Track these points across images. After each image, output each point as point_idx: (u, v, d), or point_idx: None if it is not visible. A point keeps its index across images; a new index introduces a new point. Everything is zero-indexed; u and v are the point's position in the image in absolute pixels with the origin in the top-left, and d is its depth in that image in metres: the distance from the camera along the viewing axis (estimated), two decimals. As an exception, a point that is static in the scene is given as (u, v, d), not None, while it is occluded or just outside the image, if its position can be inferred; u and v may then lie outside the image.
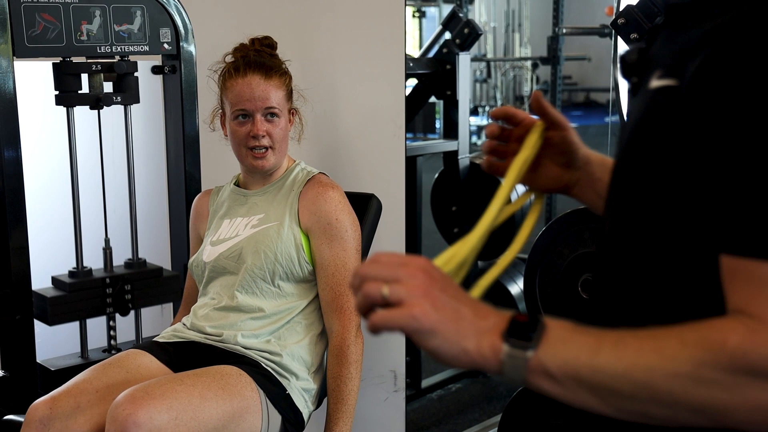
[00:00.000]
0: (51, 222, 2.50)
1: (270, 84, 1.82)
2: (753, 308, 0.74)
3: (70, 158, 2.14)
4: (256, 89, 1.82)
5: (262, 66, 1.82)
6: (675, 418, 0.77)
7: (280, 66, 1.87)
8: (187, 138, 2.27)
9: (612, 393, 0.77)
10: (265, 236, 1.82)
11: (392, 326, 0.78)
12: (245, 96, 1.82)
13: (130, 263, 2.25)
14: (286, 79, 1.86)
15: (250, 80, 1.82)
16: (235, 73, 1.82)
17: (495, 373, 0.79)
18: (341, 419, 1.79)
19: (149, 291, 2.23)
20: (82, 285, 2.13)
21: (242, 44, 1.89)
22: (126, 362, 1.72)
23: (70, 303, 2.11)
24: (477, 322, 0.79)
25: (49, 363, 2.15)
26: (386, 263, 0.79)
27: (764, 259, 0.75)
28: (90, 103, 2.11)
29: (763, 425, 0.74)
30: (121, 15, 2.10)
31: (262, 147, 1.85)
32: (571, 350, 0.78)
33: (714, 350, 0.74)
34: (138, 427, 1.46)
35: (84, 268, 2.17)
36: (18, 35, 1.94)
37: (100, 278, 2.16)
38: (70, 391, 1.61)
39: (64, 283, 2.13)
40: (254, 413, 1.67)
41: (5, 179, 1.97)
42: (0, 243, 2.01)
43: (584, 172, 1.13)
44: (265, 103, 1.82)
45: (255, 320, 1.80)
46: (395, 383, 2.64)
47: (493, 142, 1.13)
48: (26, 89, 2.11)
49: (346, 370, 1.79)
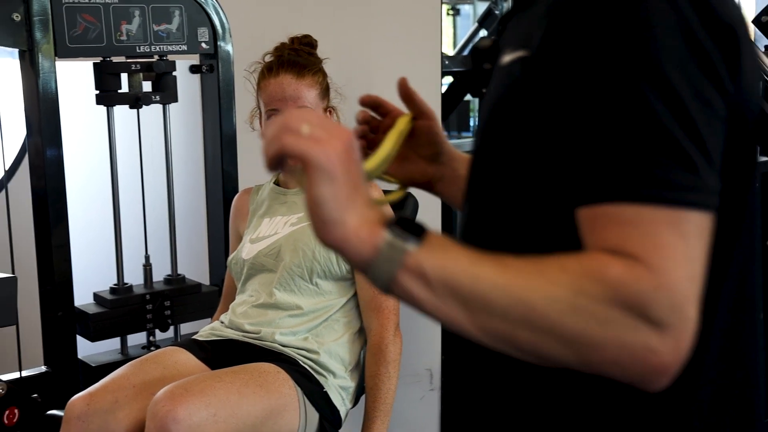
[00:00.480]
0: (91, 230, 2.52)
1: (302, 83, 1.82)
2: (629, 248, 0.70)
3: (110, 159, 2.16)
4: (288, 89, 1.82)
5: (295, 65, 1.82)
6: (539, 348, 0.72)
7: (315, 65, 1.86)
8: (225, 137, 2.28)
9: (484, 308, 0.72)
10: (303, 234, 1.82)
11: (298, 152, 0.71)
12: (277, 95, 1.83)
13: (169, 279, 2.28)
14: (319, 77, 1.85)
15: (282, 80, 1.82)
16: (268, 73, 1.84)
17: (360, 263, 0.73)
18: (378, 418, 1.79)
19: (188, 307, 2.25)
20: (123, 302, 2.17)
21: (282, 43, 1.90)
22: (163, 359, 1.74)
23: (111, 319, 2.14)
24: (365, 208, 0.73)
25: (89, 359, 2.17)
26: (315, 123, 0.73)
27: (626, 201, 0.71)
28: (129, 103, 2.13)
29: (626, 370, 0.71)
30: (159, 15, 2.12)
31: None
32: (451, 256, 0.73)
33: (594, 279, 0.69)
34: (177, 423, 1.47)
35: (125, 285, 2.20)
36: (60, 36, 1.96)
37: (140, 294, 2.19)
38: (108, 386, 1.63)
39: (105, 300, 2.17)
40: (292, 411, 1.67)
41: (47, 178, 2.00)
42: (42, 241, 2.04)
43: (449, 167, 1.11)
44: (296, 102, 1.82)
45: (293, 317, 1.81)
46: (431, 382, 2.63)
47: (363, 127, 1.11)
48: (63, 90, 2.13)
49: (384, 369, 1.79)
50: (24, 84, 2.00)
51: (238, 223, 2.02)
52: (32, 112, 2.00)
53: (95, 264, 2.41)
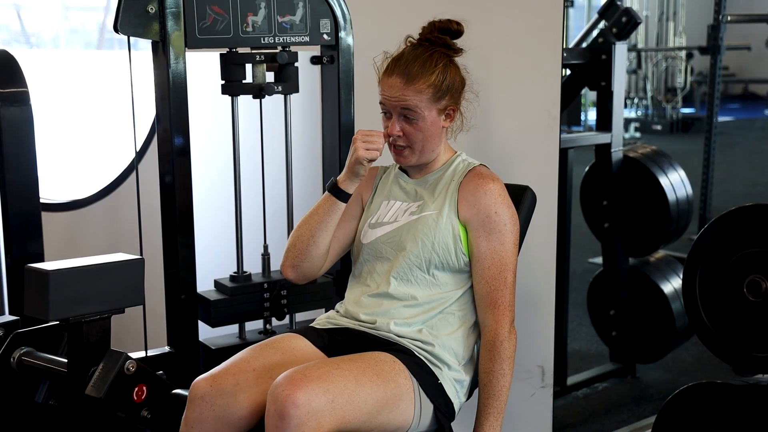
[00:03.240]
0: (212, 217, 2.59)
1: (409, 88, 1.79)
2: None
3: (233, 149, 2.22)
4: (395, 92, 1.81)
5: (409, 68, 1.80)
6: None
7: (433, 66, 1.81)
8: (343, 128, 2.31)
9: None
10: (423, 224, 1.83)
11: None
12: (385, 94, 1.83)
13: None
14: (434, 79, 1.81)
15: (392, 81, 1.81)
16: (385, 71, 1.84)
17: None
18: (492, 414, 1.78)
19: (304, 296, 2.31)
20: (242, 289, 2.23)
21: (423, 28, 1.89)
22: (282, 344, 1.77)
23: (231, 306, 2.21)
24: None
25: (209, 342, 2.24)
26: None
27: None
28: (253, 93, 2.19)
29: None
30: (284, 6, 2.16)
31: (399, 145, 1.85)
32: None
33: None
34: (297, 407, 1.50)
35: (244, 273, 2.26)
36: (190, 27, 2.03)
37: (258, 283, 2.25)
38: (230, 369, 1.68)
39: (226, 287, 2.23)
40: (407, 400, 1.68)
41: (174, 165, 2.07)
42: (168, 225, 2.12)
43: None
44: (400, 104, 1.81)
45: (408, 308, 1.81)
46: (543, 379, 2.60)
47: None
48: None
49: (498, 365, 1.77)
50: (155, 74, 2.08)
51: (362, 189, 1.98)
52: (162, 101, 2.07)
53: (215, 251, 2.48)
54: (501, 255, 1.81)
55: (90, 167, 5.52)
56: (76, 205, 3.38)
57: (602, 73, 3.25)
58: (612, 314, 3.52)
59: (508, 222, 1.82)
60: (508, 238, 1.82)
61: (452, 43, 1.87)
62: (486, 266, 1.81)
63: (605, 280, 3.55)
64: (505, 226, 1.81)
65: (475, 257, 1.82)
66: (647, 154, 3.40)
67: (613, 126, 3.29)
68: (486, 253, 1.81)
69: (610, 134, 3.30)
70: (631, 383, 3.50)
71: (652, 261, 3.55)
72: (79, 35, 10.46)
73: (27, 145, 2.45)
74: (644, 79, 10.85)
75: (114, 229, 3.33)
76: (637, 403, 3.30)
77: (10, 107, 2.39)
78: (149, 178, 2.24)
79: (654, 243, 3.42)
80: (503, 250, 1.81)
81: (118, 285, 1.78)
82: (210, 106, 2.51)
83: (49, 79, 6.84)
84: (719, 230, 2.24)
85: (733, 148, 9.40)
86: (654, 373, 3.59)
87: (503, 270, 1.81)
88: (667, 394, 3.36)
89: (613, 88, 3.24)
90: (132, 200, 3.24)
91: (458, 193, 1.85)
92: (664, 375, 3.58)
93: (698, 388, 2.26)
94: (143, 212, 2.13)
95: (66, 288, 1.67)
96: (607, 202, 3.40)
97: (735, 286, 2.19)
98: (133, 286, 1.80)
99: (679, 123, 10.77)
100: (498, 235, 1.81)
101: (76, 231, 3.42)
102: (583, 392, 3.41)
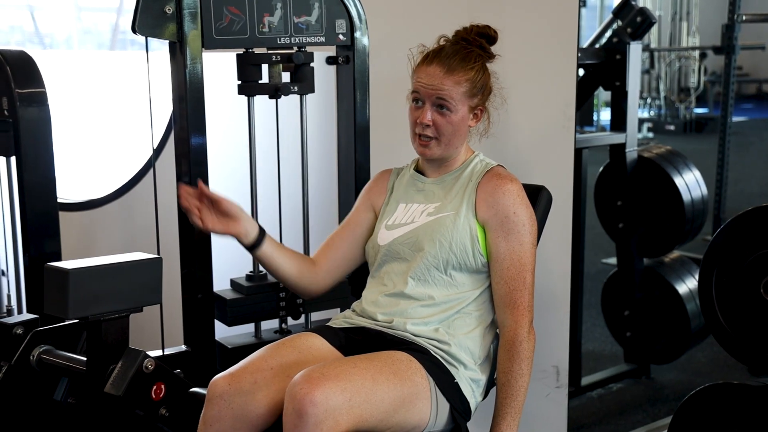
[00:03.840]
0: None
1: (449, 78, 1.81)
2: None
3: (249, 149, 2.23)
4: (434, 79, 1.82)
5: (450, 60, 1.82)
6: None
7: (473, 62, 1.83)
8: (359, 128, 2.31)
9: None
10: (440, 225, 1.83)
11: None
12: (422, 81, 1.84)
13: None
14: (473, 75, 1.83)
15: (432, 70, 1.83)
16: (424, 60, 1.86)
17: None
18: (509, 414, 1.78)
19: (319, 296, 2.30)
20: (258, 289, 2.24)
21: (457, 31, 1.90)
22: (298, 343, 1.78)
23: (247, 306, 2.22)
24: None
25: (226, 341, 2.25)
26: None
27: None
28: (269, 93, 2.19)
29: None
30: (300, 7, 2.16)
31: (426, 136, 1.86)
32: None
33: None
34: (315, 406, 1.51)
35: (260, 272, 2.27)
36: (207, 27, 2.04)
37: (275, 283, 2.25)
38: (248, 368, 1.68)
39: (242, 287, 2.24)
40: (424, 399, 1.68)
41: (192, 165, 2.08)
42: (185, 224, 2.13)
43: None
44: (437, 92, 1.82)
45: (425, 307, 1.81)
46: (557, 379, 2.59)
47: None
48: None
49: (517, 366, 1.77)
50: (172, 74, 2.09)
51: (374, 198, 2.01)
52: (179, 101, 2.08)
53: (230, 249, 2.49)
54: (520, 255, 1.81)
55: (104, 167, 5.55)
56: (91, 205, 3.40)
57: (617, 73, 3.25)
58: (626, 315, 3.51)
59: (527, 222, 1.83)
60: (527, 238, 1.82)
61: (488, 47, 1.89)
62: (505, 267, 1.81)
63: (620, 281, 3.54)
64: (523, 227, 1.82)
65: (494, 258, 1.82)
66: (662, 154, 3.40)
67: (627, 126, 3.28)
68: (505, 253, 1.81)
69: (625, 134, 3.30)
70: (646, 384, 3.50)
71: (666, 261, 3.54)
72: (92, 36, 10.52)
73: (45, 145, 2.47)
74: (657, 79, 10.81)
75: (129, 229, 3.35)
76: (652, 404, 3.30)
77: (28, 107, 2.42)
78: (164, 177, 2.26)
79: (669, 243, 3.41)
80: (522, 251, 1.81)
81: (137, 284, 1.79)
82: (223, 106, 2.53)
83: (63, 79, 6.88)
84: (735, 231, 2.23)
85: (748, 149, 9.36)
86: (668, 373, 3.59)
87: (522, 270, 1.81)
88: (681, 395, 3.35)
89: (628, 88, 3.24)
90: (146, 200, 3.27)
91: (476, 194, 1.85)
92: (678, 376, 3.57)
93: (714, 389, 2.26)
94: (163, 208, 2.14)
95: (85, 287, 1.69)
96: (621, 202, 3.40)
97: (751, 287, 2.18)
98: (152, 285, 1.82)
99: (692, 123, 10.73)
100: (517, 235, 1.81)
101: (91, 231, 3.44)
102: (597, 393, 3.41)
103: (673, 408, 3.24)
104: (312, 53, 2.23)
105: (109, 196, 3.35)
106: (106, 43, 10.36)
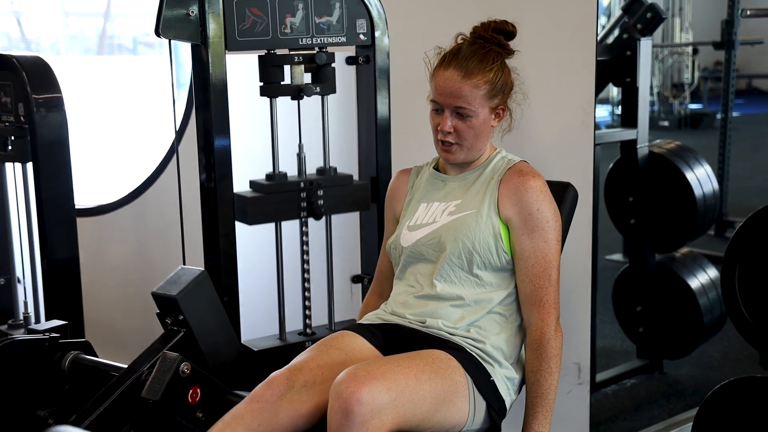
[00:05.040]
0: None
1: (466, 83, 1.78)
2: None
3: (272, 151, 2.22)
4: (451, 86, 1.79)
5: (467, 63, 1.79)
6: None
7: (491, 63, 1.80)
8: (380, 128, 2.31)
9: None
10: (462, 224, 1.81)
11: None
12: (440, 89, 1.81)
13: (321, 170, 2.31)
14: (491, 76, 1.80)
15: (448, 75, 1.80)
16: (440, 64, 1.82)
17: None
18: (540, 413, 1.77)
19: (340, 198, 2.29)
20: (278, 187, 2.21)
21: (474, 27, 1.87)
22: (343, 343, 1.76)
23: (267, 204, 2.19)
24: None
25: (251, 343, 2.24)
26: None
27: None
28: (291, 94, 2.19)
29: None
30: (321, 7, 2.16)
31: (448, 142, 1.84)
32: None
33: None
34: (361, 405, 1.50)
35: (279, 173, 2.24)
36: (230, 29, 2.03)
37: (294, 182, 2.23)
38: (301, 367, 1.67)
39: (262, 186, 2.21)
40: (462, 397, 1.67)
41: (216, 167, 2.07)
42: (211, 228, 2.12)
43: None
44: (455, 102, 1.79)
45: (455, 308, 1.80)
46: (579, 376, 2.60)
47: None
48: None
49: (546, 364, 1.77)
50: (195, 76, 2.08)
51: (395, 204, 2.01)
52: (203, 103, 2.07)
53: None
54: (545, 253, 1.80)
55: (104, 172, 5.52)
56: (101, 211, 3.38)
57: (627, 69, 3.25)
58: (639, 310, 3.52)
59: (551, 219, 1.81)
60: (551, 235, 1.81)
61: (506, 44, 1.85)
62: (530, 264, 1.80)
63: (631, 277, 3.55)
64: (547, 223, 1.80)
65: (519, 255, 1.81)
66: (673, 150, 3.40)
67: (639, 122, 3.29)
68: (529, 251, 1.80)
69: (636, 130, 3.30)
70: (659, 379, 3.50)
71: (677, 257, 3.54)
72: (79, 41, 10.48)
73: (62, 150, 2.46)
74: (651, 75, 10.85)
75: (140, 234, 3.33)
76: (667, 399, 3.30)
77: (45, 113, 2.40)
78: (172, 181, 2.23)
79: (680, 239, 3.42)
80: (546, 248, 1.80)
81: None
82: (242, 107, 2.51)
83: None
84: (758, 224, 2.23)
85: (744, 144, 9.40)
86: (681, 369, 3.59)
87: (547, 268, 1.80)
88: (696, 390, 3.37)
89: (639, 84, 3.25)
90: (156, 206, 3.25)
91: (498, 191, 1.83)
92: (691, 371, 3.58)
93: (739, 383, 2.26)
94: (167, 216, 2.13)
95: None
96: (633, 198, 3.40)
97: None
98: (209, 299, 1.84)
99: (687, 119, 10.77)
100: (541, 232, 1.80)
101: (102, 236, 3.42)
102: (611, 389, 3.41)
103: (690, 403, 3.26)
104: (333, 53, 2.23)
105: (118, 202, 3.33)
106: (92, 48, 10.32)
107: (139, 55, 11.02)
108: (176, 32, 1.99)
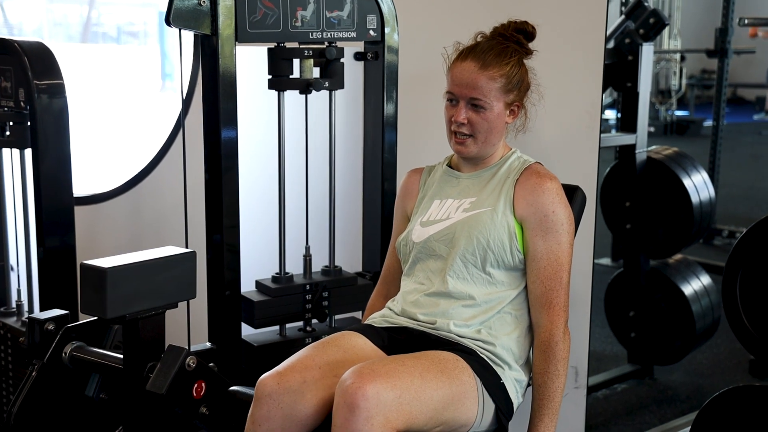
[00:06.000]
0: (254, 214, 2.57)
1: (483, 74, 1.79)
2: None
3: (278, 146, 2.20)
4: (468, 76, 1.80)
5: (485, 55, 1.80)
6: None
7: (508, 58, 1.82)
8: (386, 125, 2.29)
9: None
10: (478, 221, 1.81)
11: None
12: (456, 80, 1.82)
13: (327, 270, 2.31)
14: (508, 70, 1.81)
15: (466, 66, 1.81)
16: (458, 57, 1.83)
17: None
18: (546, 415, 1.77)
19: (345, 298, 2.29)
20: (284, 291, 2.22)
21: (494, 27, 1.88)
22: (343, 342, 1.75)
23: (273, 308, 2.20)
24: None
25: (251, 338, 2.22)
26: None
27: None
28: (300, 88, 2.17)
29: None
30: (332, 2, 2.14)
31: (462, 133, 1.84)
32: None
33: None
34: (366, 400, 1.49)
35: (286, 274, 2.24)
36: (241, 20, 2.00)
37: (300, 284, 2.23)
38: (296, 366, 1.65)
39: (269, 288, 2.22)
40: (471, 399, 1.66)
41: (223, 159, 2.05)
42: (214, 221, 2.09)
43: None
44: (470, 92, 1.80)
45: (466, 308, 1.80)
46: (576, 379, 2.59)
47: None
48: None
49: (553, 366, 1.76)
50: (204, 67, 2.05)
51: (406, 203, 2.00)
52: (211, 95, 2.04)
53: (256, 249, 2.45)
54: (557, 255, 1.80)
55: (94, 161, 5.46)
56: (96, 200, 3.34)
57: (628, 74, 3.26)
58: (631, 316, 3.53)
59: (565, 222, 1.81)
60: (565, 237, 1.81)
61: (525, 43, 1.87)
62: (542, 266, 1.80)
63: (625, 282, 3.56)
64: (561, 226, 1.81)
65: (531, 256, 1.81)
66: (670, 156, 3.42)
67: (638, 127, 3.30)
68: (542, 252, 1.80)
69: (635, 135, 3.31)
70: (650, 384, 3.52)
71: (671, 263, 3.56)
72: (63, 28, 10.38)
73: (62, 137, 2.42)
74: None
75: (135, 224, 3.29)
76: (658, 405, 3.31)
77: (46, 99, 2.36)
78: (172, 171, 2.20)
79: (676, 245, 3.43)
80: (559, 250, 1.80)
81: (172, 279, 1.75)
82: (250, 101, 2.49)
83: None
84: (761, 233, 2.24)
85: (730, 152, 9.46)
86: (671, 375, 3.61)
87: (559, 270, 1.80)
88: (687, 397, 3.39)
89: (639, 89, 3.26)
90: (152, 196, 3.22)
91: (514, 191, 1.83)
92: (681, 377, 3.59)
93: (736, 391, 2.27)
94: (166, 207, 2.10)
95: (123, 285, 1.65)
96: (630, 203, 3.41)
97: (778, 289, 2.19)
98: (188, 280, 1.78)
99: (673, 125, 10.82)
100: (555, 234, 1.80)
101: (95, 225, 3.38)
102: (602, 393, 3.42)
103: (681, 409, 3.27)
104: (342, 48, 2.21)
105: (113, 191, 3.29)
106: (75, 35, 10.22)
107: (122, 44, 10.94)
108: (187, 22, 1.96)
